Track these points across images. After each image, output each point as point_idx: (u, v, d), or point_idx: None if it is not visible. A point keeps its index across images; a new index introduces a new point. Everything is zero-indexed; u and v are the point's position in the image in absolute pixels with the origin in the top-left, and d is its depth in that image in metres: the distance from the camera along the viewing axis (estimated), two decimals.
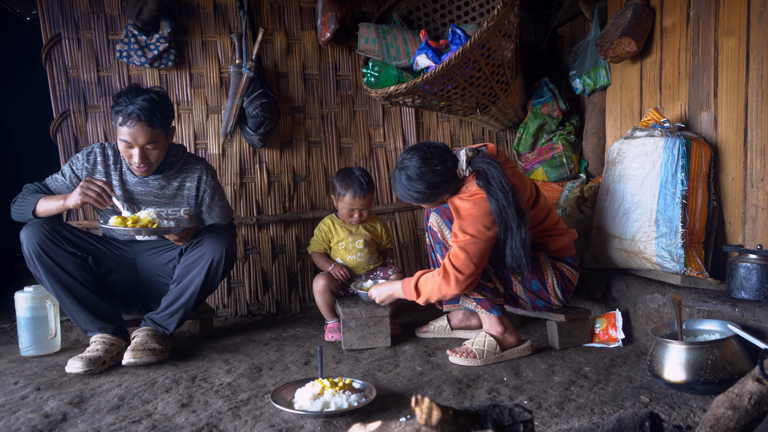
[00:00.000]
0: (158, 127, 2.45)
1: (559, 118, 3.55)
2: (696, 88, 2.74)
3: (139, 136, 2.42)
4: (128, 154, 2.48)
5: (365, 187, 2.89)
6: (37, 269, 2.43)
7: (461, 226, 2.24)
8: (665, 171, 2.58)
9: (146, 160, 2.49)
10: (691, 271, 2.49)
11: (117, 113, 2.42)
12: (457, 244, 2.23)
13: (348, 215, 2.94)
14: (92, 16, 3.29)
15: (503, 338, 2.41)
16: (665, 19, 2.93)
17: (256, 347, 2.68)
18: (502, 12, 2.78)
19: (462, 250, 2.21)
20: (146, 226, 2.37)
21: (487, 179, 2.25)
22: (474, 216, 2.23)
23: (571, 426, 1.71)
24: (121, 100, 2.42)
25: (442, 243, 2.46)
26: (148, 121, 2.41)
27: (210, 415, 1.87)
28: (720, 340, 1.92)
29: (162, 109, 2.46)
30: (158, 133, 2.47)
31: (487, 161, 2.29)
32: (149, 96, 2.44)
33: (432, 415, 1.10)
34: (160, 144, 2.50)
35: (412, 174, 2.30)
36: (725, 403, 1.40)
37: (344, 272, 2.91)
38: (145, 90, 2.48)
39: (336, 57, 3.64)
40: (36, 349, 2.60)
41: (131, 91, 2.45)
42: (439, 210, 2.43)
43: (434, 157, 2.29)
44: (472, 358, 2.34)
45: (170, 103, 2.56)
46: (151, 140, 2.45)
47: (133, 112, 2.39)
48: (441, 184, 2.31)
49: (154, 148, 2.48)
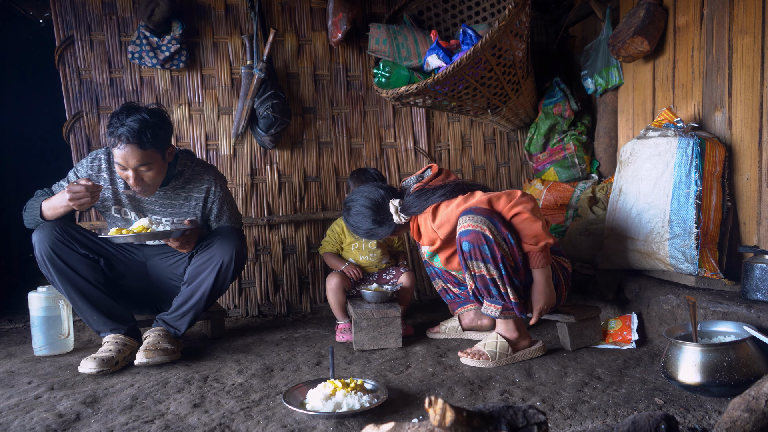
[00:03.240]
0: (150, 147, 2.35)
1: (570, 118, 3.53)
2: (710, 88, 2.72)
3: (130, 158, 2.34)
4: (125, 176, 2.41)
5: None
6: (50, 271, 2.45)
7: (504, 200, 2.23)
8: (679, 171, 2.56)
9: (141, 182, 2.41)
10: (706, 272, 2.47)
11: (110, 135, 2.35)
12: (518, 204, 2.20)
13: None
14: (104, 17, 3.32)
15: (516, 340, 2.40)
16: (678, 18, 2.91)
17: (267, 348, 2.68)
18: (513, 12, 2.77)
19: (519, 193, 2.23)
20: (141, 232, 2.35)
21: (425, 198, 2.34)
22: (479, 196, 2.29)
23: (584, 428, 1.69)
24: (113, 122, 2.34)
25: (493, 240, 2.18)
26: (138, 143, 2.32)
27: (222, 416, 1.87)
28: (735, 341, 1.90)
29: (153, 129, 2.35)
30: (151, 154, 2.37)
31: (412, 203, 2.36)
32: (140, 116, 2.33)
33: (446, 416, 1.10)
34: (156, 165, 2.41)
35: (355, 212, 2.43)
36: (741, 405, 1.39)
37: (357, 271, 2.91)
38: (137, 109, 2.37)
39: (347, 57, 3.64)
40: (49, 349, 2.62)
41: (123, 111, 2.36)
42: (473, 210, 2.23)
43: (370, 205, 2.41)
44: (485, 360, 2.32)
45: (165, 121, 2.45)
46: (144, 162, 2.37)
47: (123, 134, 2.31)
48: (384, 225, 2.41)
49: (148, 170, 2.40)
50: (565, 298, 2.49)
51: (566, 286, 2.46)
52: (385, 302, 2.73)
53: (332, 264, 3.01)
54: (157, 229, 2.40)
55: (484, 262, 2.20)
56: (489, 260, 2.19)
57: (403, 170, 3.71)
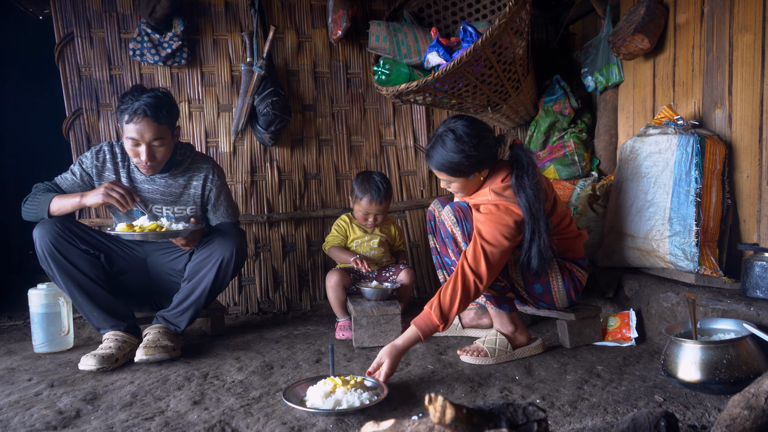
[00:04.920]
0: (164, 123, 2.45)
1: (570, 116, 3.53)
2: (710, 86, 2.72)
3: (145, 131, 2.41)
4: (135, 152, 2.47)
5: (383, 194, 2.92)
6: (50, 267, 2.45)
7: (481, 231, 2.16)
8: (679, 169, 2.56)
9: (153, 157, 2.47)
10: (705, 270, 2.47)
11: (122, 112, 2.42)
12: (476, 248, 2.13)
13: (363, 219, 2.96)
14: (104, 14, 3.31)
15: (514, 336, 2.40)
16: (679, 15, 2.90)
17: (267, 345, 2.68)
18: (513, 9, 2.76)
19: (482, 254, 2.12)
20: (153, 230, 2.37)
21: (522, 168, 2.22)
22: (495, 222, 2.16)
23: (584, 425, 1.70)
24: (127, 99, 2.42)
25: (452, 237, 2.35)
26: (155, 117, 2.40)
27: (222, 413, 1.87)
28: (735, 339, 1.90)
29: (168, 106, 2.47)
30: (164, 129, 2.46)
31: (527, 151, 2.28)
32: (154, 93, 2.44)
33: (446, 413, 1.10)
34: (167, 141, 2.49)
35: (462, 134, 2.21)
36: (741, 402, 1.39)
37: (366, 264, 2.88)
38: (150, 88, 2.48)
39: (347, 55, 3.64)
40: (49, 346, 2.62)
41: (136, 90, 2.45)
42: (454, 206, 2.36)
43: (482, 125, 2.28)
44: (484, 356, 2.33)
45: (175, 102, 2.56)
46: (158, 136, 2.44)
47: (139, 108, 2.38)
48: (484, 152, 2.24)
49: (160, 145, 2.47)
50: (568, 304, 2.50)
51: (575, 293, 2.47)
52: (385, 300, 2.73)
53: (340, 257, 2.99)
54: (170, 228, 2.41)
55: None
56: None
57: (403, 168, 3.71)
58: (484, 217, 2.19)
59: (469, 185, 2.33)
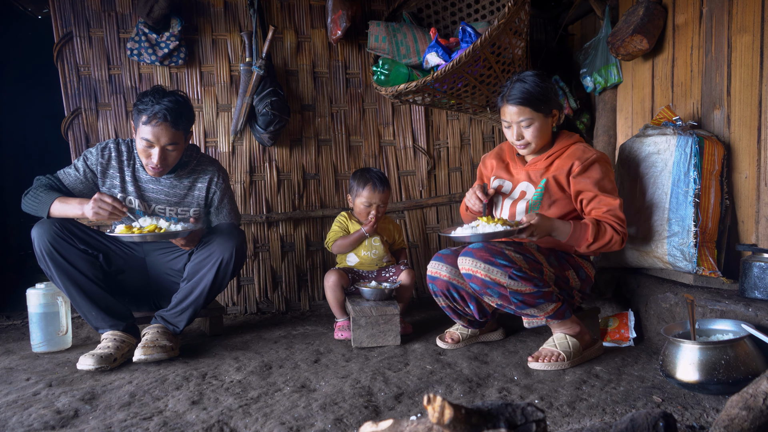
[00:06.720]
0: (181, 129, 2.47)
1: (569, 116, 3.53)
2: (709, 86, 2.72)
3: (162, 136, 2.43)
4: (147, 154, 2.47)
5: (384, 182, 2.97)
6: (49, 267, 2.44)
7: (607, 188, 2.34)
8: (677, 169, 2.56)
9: (164, 161, 2.49)
10: (704, 271, 2.47)
11: (141, 112, 2.42)
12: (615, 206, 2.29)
13: (366, 211, 2.94)
14: (103, 14, 3.31)
15: (582, 337, 2.35)
16: (677, 16, 2.91)
17: (265, 345, 2.68)
18: (512, 10, 2.77)
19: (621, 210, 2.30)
20: (152, 232, 2.36)
21: (583, 136, 2.44)
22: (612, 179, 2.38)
23: (582, 425, 1.70)
24: (147, 99, 2.42)
25: (497, 284, 2.18)
26: (174, 123, 2.42)
27: (221, 413, 1.87)
28: (734, 339, 1.90)
29: (187, 112, 2.51)
30: (180, 135, 2.48)
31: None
32: (175, 98, 2.46)
33: (444, 413, 1.10)
34: (180, 146, 2.51)
35: (538, 74, 2.42)
36: (739, 403, 1.39)
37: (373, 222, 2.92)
38: (171, 92, 2.49)
39: (346, 55, 3.64)
40: (47, 346, 2.62)
41: (157, 91, 2.46)
42: (473, 254, 2.21)
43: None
44: (561, 361, 2.24)
45: (193, 108, 2.59)
46: (173, 141, 2.46)
47: (160, 112, 2.39)
48: (556, 97, 2.46)
49: (173, 150, 2.49)
50: (578, 302, 2.48)
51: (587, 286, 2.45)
52: (384, 300, 2.73)
53: (346, 243, 2.95)
54: (169, 229, 2.40)
55: (498, 297, 2.24)
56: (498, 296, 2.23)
57: (402, 168, 3.71)
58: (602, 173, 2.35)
59: (545, 129, 2.42)
